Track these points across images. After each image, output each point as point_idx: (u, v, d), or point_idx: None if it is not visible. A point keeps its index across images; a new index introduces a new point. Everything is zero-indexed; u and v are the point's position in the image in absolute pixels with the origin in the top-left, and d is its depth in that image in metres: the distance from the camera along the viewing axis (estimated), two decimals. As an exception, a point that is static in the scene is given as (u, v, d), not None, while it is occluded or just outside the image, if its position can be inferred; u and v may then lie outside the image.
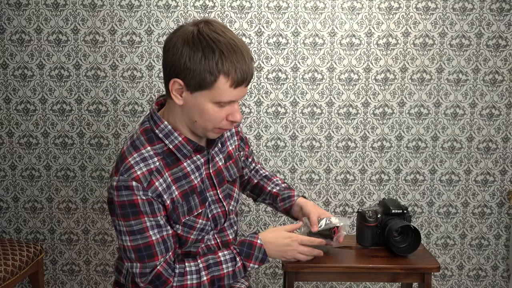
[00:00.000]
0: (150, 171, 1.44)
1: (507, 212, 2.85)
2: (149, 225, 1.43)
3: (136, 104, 2.75)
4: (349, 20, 2.69)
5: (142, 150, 1.47)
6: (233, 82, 1.40)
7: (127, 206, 1.42)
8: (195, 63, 1.38)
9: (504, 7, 2.67)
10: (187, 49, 1.39)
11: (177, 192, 1.48)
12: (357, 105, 2.76)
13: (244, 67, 1.41)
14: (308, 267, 1.84)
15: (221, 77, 1.39)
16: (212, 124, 1.46)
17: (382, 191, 2.83)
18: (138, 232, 1.43)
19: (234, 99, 1.43)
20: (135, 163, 1.44)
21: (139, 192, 1.42)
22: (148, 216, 1.43)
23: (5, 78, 2.75)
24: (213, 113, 1.44)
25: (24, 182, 2.83)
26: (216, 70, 1.38)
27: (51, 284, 2.92)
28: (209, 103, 1.42)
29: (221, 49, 1.38)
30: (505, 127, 2.78)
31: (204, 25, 1.42)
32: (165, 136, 1.49)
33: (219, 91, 1.41)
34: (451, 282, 2.91)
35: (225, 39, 1.40)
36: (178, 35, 1.42)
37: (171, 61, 1.41)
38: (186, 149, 1.50)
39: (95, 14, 2.69)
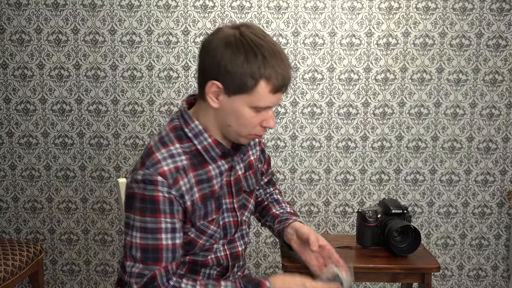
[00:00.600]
0: (177, 169, 1.41)
1: (507, 212, 2.84)
2: (164, 227, 1.39)
3: (136, 104, 2.75)
4: (349, 20, 2.69)
5: (171, 146, 1.44)
6: (273, 87, 1.38)
7: (147, 200, 1.39)
8: (237, 66, 1.35)
9: (504, 7, 2.67)
10: (229, 52, 1.36)
11: (197, 195, 1.45)
12: (357, 105, 2.76)
13: (285, 72, 1.39)
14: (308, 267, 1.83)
15: (262, 82, 1.37)
16: (247, 129, 1.43)
17: (382, 191, 2.83)
18: (151, 231, 1.39)
19: (271, 104, 1.41)
20: (163, 158, 1.41)
21: (163, 189, 1.39)
22: (166, 216, 1.39)
23: (5, 78, 2.75)
24: (249, 118, 1.41)
25: (24, 182, 2.83)
26: (257, 74, 1.36)
27: (51, 284, 2.92)
28: (246, 108, 1.40)
29: (263, 53, 1.36)
30: (505, 127, 2.78)
31: (245, 28, 1.40)
32: (194, 136, 1.46)
33: (258, 95, 1.38)
34: (451, 282, 2.91)
35: (266, 43, 1.38)
36: (219, 37, 1.39)
37: (210, 63, 1.39)
38: (215, 151, 1.47)
39: (95, 14, 2.69)
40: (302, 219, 2.85)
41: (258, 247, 2.87)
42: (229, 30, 1.41)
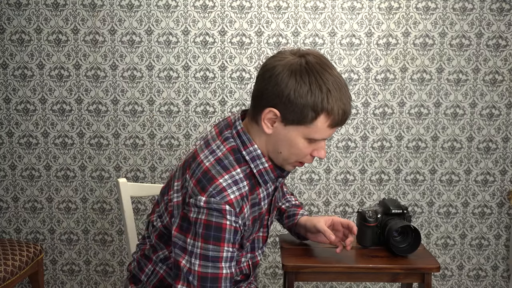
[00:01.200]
0: (241, 196, 1.38)
1: (507, 212, 2.84)
2: (225, 255, 1.36)
3: (136, 104, 2.75)
4: (349, 20, 2.69)
5: (233, 171, 1.39)
6: (332, 121, 1.35)
7: (212, 228, 1.34)
8: (300, 97, 1.31)
9: (504, 7, 2.67)
10: (293, 81, 1.32)
11: (250, 218, 1.44)
12: (357, 105, 2.76)
13: (346, 107, 1.35)
14: (308, 267, 1.84)
15: (322, 115, 1.33)
16: (296, 158, 1.41)
17: (382, 191, 2.83)
18: (212, 259, 1.35)
19: (326, 137, 1.39)
20: (228, 185, 1.36)
21: (231, 218, 1.35)
22: (229, 246, 1.36)
23: (5, 78, 2.75)
24: (302, 148, 1.38)
25: (24, 182, 2.83)
26: (320, 108, 1.32)
27: (51, 284, 2.92)
28: (300, 138, 1.37)
29: (328, 86, 1.32)
30: (505, 127, 2.78)
31: (312, 58, 1.36)
32: (251, 159, 1.42)
33: (316, 128, 1.35)
34: (451, 282, 2.91)
35: (332, 76, 1.34)
36: (284, 64, 1.34)
37: (272, 90, 1.34)
38: (269, 176, 1.45)
39: (95, 14, 2.69)
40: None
41: (258, 247, 2.87)
42: (294, 57, 1.36)
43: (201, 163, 1.40)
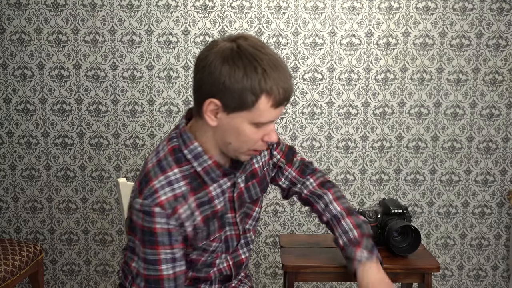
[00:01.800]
0: (175, 197, 1.35)
1: (507, 212, 2.85)
2: (164, 258, 1.36)
3: (136, 104, 2.75)
4: (349, 20, 2.69)
5: (169, 172, 1.37)
6: (275, 101, 1.30)
7: (146, 232, 1.35)
8: (236, 82, 1.27)
9: (504, 7, 2.67)
10: (227, 67, 1.27)
11: (199, 218, 1.40)
12: (357, 105, 2.76)
13: (286, 85, 1.31)
14: (308, 267, 1.84)
15: (263, 97, 1.29)
16: (248, 145, 1.36)
17: (382, 191, 2.83)
18: (151, 262, 1.36)
19: (273, 119, 1.34)
20: (161, 187, 1.35)
21: (161, 220, 1.34)
22: (165, 248, 1.35)
23: (5, 78, 2.75)
24: (250, 134, 1.34)
25: (24, 182, 2.83)
26: (258, 89, 1.28)
27: (51, 284, 2.92)
28: (247, 124, 1.32)
29: (263, 67, 1.28)
30: (505, 127, 2.78)
31: (243, 41, 1.31)
32: (194, 158, 1.39)
33: (259, 111, 1.30)
34: (451, 282, 2.91)
35: (266, 55, 1.30)
36: (215, 52, 1.30)
37: (208, 81, 1.30)
38: (215, 173, 1.41)
39: (95, 14, 2.69)
40: (305, 209, 2.85)
41: (258, 247, 2.87)
42: (225, 43, 1.32)
43: (146, 165, 1.41)
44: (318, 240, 2.08)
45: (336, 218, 1.63)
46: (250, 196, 1.53)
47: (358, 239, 1.58)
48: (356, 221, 1.61)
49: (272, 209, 2.84)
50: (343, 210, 1.63)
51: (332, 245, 2.02)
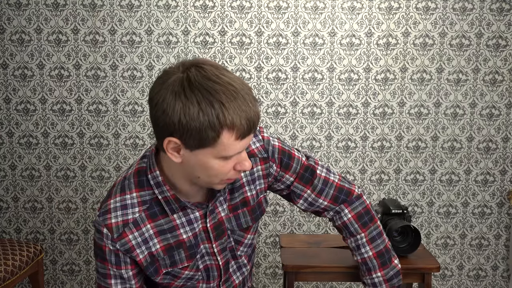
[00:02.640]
0: (125, 222, 1.32)
1: (507, 212, 2.85)
2: (112, 274, 1.36)
3: (136, 104, 2.76)
4: (349, 20, 2.69)
5: (127, 195, 1.33)
6: (239, 134, 1.19)
7: (97, 247, 1.35)
8: (192, 120, 1.16)
9: (504, 7, 2.68)
10: (180, 105, 1.16)
11: (159, 246, 1.35)
12: (357, 105, 2.76)
13: (250, 114, 1.19)
14: (308, 267, 1.84)
15: (224, 132, 1.17)
16: (219, 178, 1.26)
17: (382, 191, 2.83)
18: (102, 275, 1.37)
19: (241, 150, 1.23)
20: (114, 208, 1.32)
21: (107, 241, 1.33)
22: (112, 267, 1.35)
23: (5, 78, 2.75)
24: (219, 168, 1.24)
25: (24, 182, 2.83)
26: (218, 125, 1.16)
27: (51, 284, 2.92)
28: (213, 159, 1.22)
29: (219, 99, 1.16)
30: (505, 127, 2.78)
31: (194, 71, 1.19)
32: (155, 185, 1.32)
33: (223, 146, 1.20)
34: (451, 282, 2.91)
35: (222, 85, 1.17)
36: (167, 87, 1.18)
37: (163, 119, 1.19)
38: (174, 205, 1.33)
39: (95, 14, 2.69)
40: (302, 219, 2.85)
41: (258, 247, 2.87)
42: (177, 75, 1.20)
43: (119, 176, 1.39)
44: (318, 240, 2.08)
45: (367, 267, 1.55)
46: (239, 224, 1.44)
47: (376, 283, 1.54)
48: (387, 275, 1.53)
49: (272, 209, 2.84)
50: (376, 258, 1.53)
51: (332, 245, 2.02)
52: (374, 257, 1.53)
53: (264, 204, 1.50)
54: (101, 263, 1.36)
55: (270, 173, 1.47)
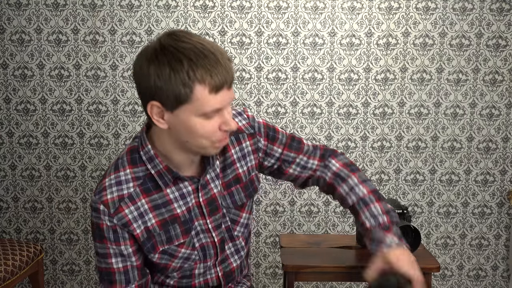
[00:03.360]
0: (120, 197, 1.36)
1: (507, 212, 2.85)
2: (112, 252, 1.38)
3: (136, 104, 2.76)
4: (349, 20, 2.69)
5: (121, 172, 1.38)
6: (211, 87, 1.25)
7: (95, 227, 1.38)
8: (166, 80, 1.24)
9: (504, 7, 2.68)
10: (153, 67, 1.25)
11: (154, 221, 1.39)
12: (357, 105, 2.76)
13: (220, 69, 1.26)
14: (308, 267, 1.84)
15: (197, 86, 1.24)
16: (206, 139, 1.31)
17: (382, 191, 2.83)
18: (102, 256, 1.39)
19: (219, 106, 1.28)
20: (109, 185, 1.37)
21: (104, 217, 1.36)
22: (112, 244, 1.37)
23: (5, 78, 2.75)
24: (202, 128, 1.28)
25: (24, 182, 2.83)
26: (189, 81, 1.24)
27: (51, 284, 2.92)
28: (194, 118, 1.27)
29: (189, 57, 1.24)
30: (505, 127, 2.78)
31: (166, 37, 1.29)
32: (148, 160, 1.38)
33: (199, 101, 1.25)
34: (451, 282, 2.91)
35: (191, 44, 1.26)
36: (142, 55, 1.30)
37: (143, 85, 1.28)
38: (167, 177, 1.38)
39: (95, 14, 2.69)
40: (305, 209, 2.85)
41: (258, 247, 2.87)
42: (151, 44, 1.31)
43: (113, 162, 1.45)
44: (318, 240, 2.08)
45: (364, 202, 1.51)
46: (234, 202, 1.49)
47: (388, 225, 1.47)
48: (385, 207, 1.51)
49: (272, 209, 2.84)
50: (371, 194, 1.52)
51: (332, 245, 2.02)
52: (369, 193, 1.52)
53: (256, 182, 1.54)
54: (100, 243, 1.38)
55: (259, 147, 1.52)
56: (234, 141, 1.48)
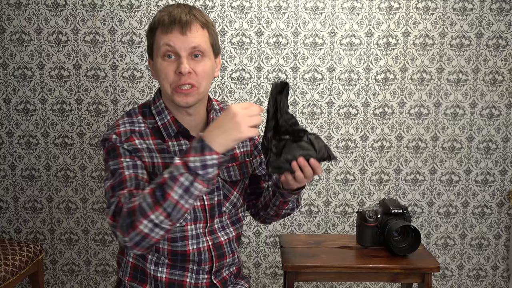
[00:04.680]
0: (132, 131, 1.52)
1: (507, 212, 2.85)
2: (125, 165, 1.47)
3: (136, 104, 2.75)
4: (349, 20, 2.69)
5: (133, 118, 1.56)
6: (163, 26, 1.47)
7: (110, 150, 1.50)
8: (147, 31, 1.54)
9: (504, 7, 2.67)
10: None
11: (160, 160, 1.51)
12: (357, 105, 2.76)
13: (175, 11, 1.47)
14: (308, 267, 1.84)
15: (157, 30, 1.49)
16: (167, 82, 1.49)
17: (382, 191, 2.83)
18: (115, 171, 1.47)
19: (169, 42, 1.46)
20: (122, 123, 1.53)
21: (116, 142, 1.49)
22: (126, 157, 1.48)
23: (5, 78, 2.75)
24: (162, 68, 1.48)
25: (24, 182, 2.83)
26: (153, 24, 1.50)
27: (51, 284, 2.92)
28: (158, 59, 1.49)
29: (163, 9, 1.51)
30: (505, 127, 2.78)
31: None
32: (157, 113, 1.55)
33: (157, 42, 1.49)
34: (451, 282, 2.91)
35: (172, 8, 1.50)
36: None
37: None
38: (172, 128, 1.54)
39: (95, 14, 2.69)
40: (305, 209, 2.85)
41: (258, 247, 2.87)
42: None
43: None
44: (318, 240, 2.08)
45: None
46: (229, 176, 1.61)
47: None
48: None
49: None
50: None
51: (332, 245, 2.02)
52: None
53: (250, 168, 1.68)
54: (113, 160, 1.48)
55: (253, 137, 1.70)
56: None
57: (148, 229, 1.32)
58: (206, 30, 1.50)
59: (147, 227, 1.31)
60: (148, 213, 1.30)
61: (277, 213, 1.70)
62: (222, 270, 1.63)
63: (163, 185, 1.30)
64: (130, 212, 1.33)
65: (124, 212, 1.35)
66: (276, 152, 1.44)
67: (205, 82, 1.50)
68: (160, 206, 1.30)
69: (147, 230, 1.32)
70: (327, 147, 1.46)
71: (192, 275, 1.57)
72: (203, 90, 1.50)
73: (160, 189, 1.30)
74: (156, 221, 1.31)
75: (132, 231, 1.32)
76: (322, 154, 1.44)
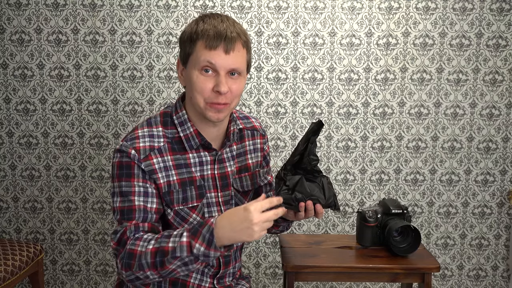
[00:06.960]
0: (151, 148, 1.49)
1: (507, 212, 2.85)
2: (137, 190, 1.46)
3: (136, 104, 2.76)
4: (349, 20, 2.69)
5: (154, 128, 1.52)
6: (207, 42, 1.43)
7: (124, 167, 1.47)
8: (183, 37, 1.48)
9: (504, 7, 2.68)
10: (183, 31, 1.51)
11: (176, 177, 1.50)
12: (357, 105, 2.76)
13: (220, 27, 1.43)
14: (308, 267, 1.84)
15: (199, 41, 1.44)
16: (201, 96, 1.46)
17: (382, 191, 2.83)
18: (126, 194, 1.46)
19: (211, 60, 1.43)
20: (142, 135, 1.50)
21: (135, 160, 1.47)
22: (139, 181, 1.46)
23: (5, 78, 2.75)
24: (198, 82, 1.45)
25: (24, 182, 2.83)
26: (194, 34, 1.45)
27: (51, 284, 2.92)
28: (194, 71, 1.45)
29: (203, 19, 1.46)
30: (505, 127, 2.78)
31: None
32: (179, 124, 1.53)
33: (197, 54, 1.44)
34: (451, 282, 2.91)
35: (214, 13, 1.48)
36: None
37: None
38: (194, 141, 1.52)
39: (95, 14, 2.69)
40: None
41: (258, 247, 2.87)
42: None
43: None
44: (318, 240, 2.08)
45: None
46: (242, 186, 1.62)
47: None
48: None
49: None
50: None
51: (332, 245, 2.02)
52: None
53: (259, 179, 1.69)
54: (126, 181, 1.46)
55: (264, 148, 1.72)
56: (250, 135, 1.67)
57: (144, 276, 1.39)
58: (246, 50, 1.50)
59: (143, 275, 1.39)
60: (145, 270, 1.37)
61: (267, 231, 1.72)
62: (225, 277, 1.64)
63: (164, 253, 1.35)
64: (131, 254, 1.39)
65: (127, 250, 1.40)
66: (289, 187, 1.52)
67: (237, 99, 1.51)
68: (157, 270, 1.37)
69: (143, 277, 1.40)
70: (335, 196, 1.54)
71: (196, 275, 1.58)
72: (233, 106, 1.51)
73: (161, 256, 1.35)
74: (151, 277, 1.39)
75: (129, 271, 1.40)
76: (330, 203, 1.53)
